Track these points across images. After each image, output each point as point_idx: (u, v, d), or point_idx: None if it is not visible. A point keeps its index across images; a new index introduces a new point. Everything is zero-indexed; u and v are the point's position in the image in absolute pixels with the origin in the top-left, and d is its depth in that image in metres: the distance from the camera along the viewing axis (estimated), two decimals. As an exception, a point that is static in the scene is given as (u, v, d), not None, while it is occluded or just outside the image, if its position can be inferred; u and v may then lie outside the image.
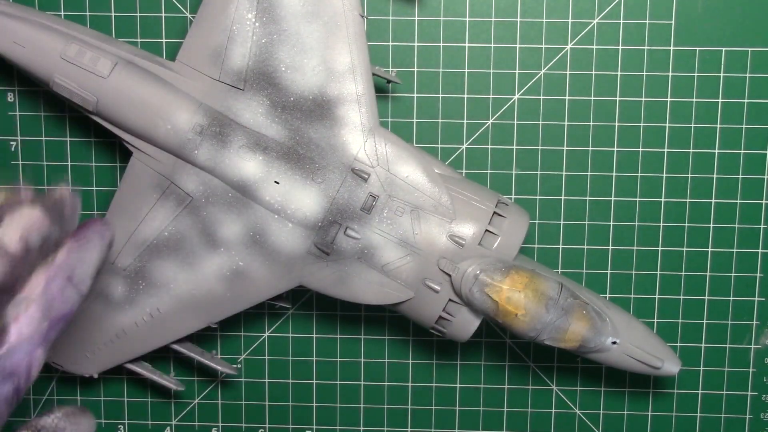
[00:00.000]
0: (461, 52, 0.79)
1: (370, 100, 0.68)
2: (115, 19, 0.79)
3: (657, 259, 0.81)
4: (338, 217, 0.68)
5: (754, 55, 0.78)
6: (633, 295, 0.82)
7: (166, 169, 0.70)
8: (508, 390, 0.84)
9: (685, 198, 0.80)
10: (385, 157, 0.68)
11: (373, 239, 0.68)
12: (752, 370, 0.82)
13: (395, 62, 0.79)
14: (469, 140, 0.80)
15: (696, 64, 0.78)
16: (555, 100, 0.79)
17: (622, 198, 0.80)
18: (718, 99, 0.78)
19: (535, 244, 0.81)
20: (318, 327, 0.83)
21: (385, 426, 0.84)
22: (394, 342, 0.83)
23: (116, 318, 0.73)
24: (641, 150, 0.79)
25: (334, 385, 0.84)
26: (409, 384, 0.84)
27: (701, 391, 0.83)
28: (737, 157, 0.79)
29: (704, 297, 0.81)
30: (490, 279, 0.67)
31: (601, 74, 0.78)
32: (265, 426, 0.85)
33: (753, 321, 0.82)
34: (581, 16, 0.78)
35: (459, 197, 0.69)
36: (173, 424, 0.85)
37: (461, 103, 0.79)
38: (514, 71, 0.79)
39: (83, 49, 0.68)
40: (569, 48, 0.78)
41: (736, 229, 0.80)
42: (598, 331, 0.69)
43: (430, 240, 0.68)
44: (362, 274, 0.69)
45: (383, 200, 0.68)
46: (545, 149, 0.80)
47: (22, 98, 0.81)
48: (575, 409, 0.84)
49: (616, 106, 0.79)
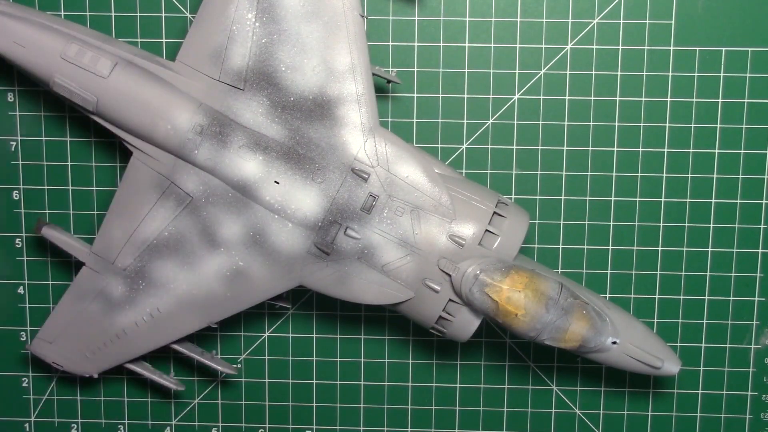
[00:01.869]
0: (461, 52, 0.79)
1: (370, 100, 0.68)
2: (115, 19, 0.79)
3: (657, 259, 0.81)
4: (338, 217, 0.68)
5: (754, 55, 0.78)
6: (633, 295, 0.82)
7: (166, 169, 0.70)
8: (508, 390, 0.84)
9: (685, 198, 0.80)
10: (385, 157, 0.68)
11: (373, 239, 0.68)
12: (752, 370, 0.82)
13: (395, 62, 0.79)
14: (469, 140, 0.80)
15: (696, 64, 0.78)
16: (555, 100, 0.79)
17: (622, 198, 0.80)
18: (718, 99, 0.78)
19: (535, 244, 0.81)
20: (318, 327, 0.83)
21: (385, 426, 0.84)
22: (394, 342, 0.83)
23: (116, 318, 0.73)
24: (641, 150, 0.79)
25: (334, 385, 0.84)
26: (409, 384, 0.84)
27: (701, 391, 0.83)
28: (737, 157, 0.79)
29: (704, 297, 0.81)
30: (490, 279, 0.67)
31: (601, 74, 0.78)
32: (265, 426, 0.85)
33: (753, 321, 0.82)
34: (581, 16, 0.78)
35: (459, 197, 0.69)
36: (173, 424, 0.85)
37: (461, 103, 0.79)
38: (514, 71, 0.79)
39: (83, 49, 0.68)
40: (569, 48, 0.78)
41: (736, 229, 0.80)
42: (598, 331, 0.69)
43: (430, 240, 0.68)
44: (362, 274, 0.69)
45: (383, 200, 0.68)
46: (545, 149, 0.80)
47: (22, 98, 0.81)
48: (575, 409, 0.84)
49: (616, 106, 0.79)
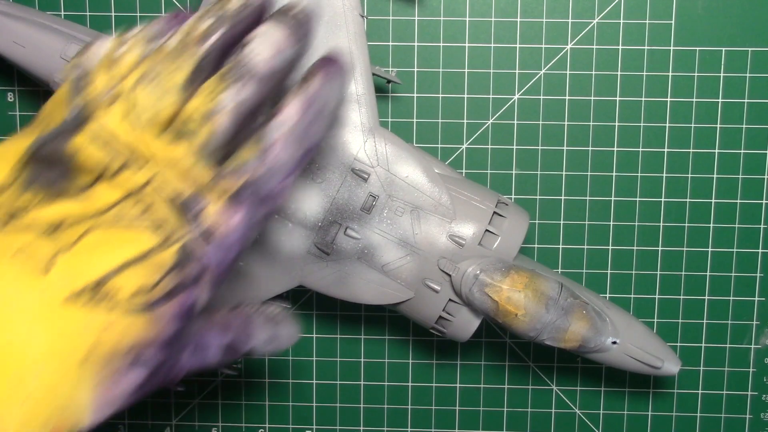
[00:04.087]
0: (461, 52, 0.79)
1: (370, 100, 0.68)
2: (115, 19, 0.79)
3: (657, 259, 0.81)
4: (338, 217, 0.68)
5: (754, 55, 0.78)
6: (633, 295, 0.82)
7: (166, 169, 0.70)
8: (508, 390, 0.84)
9: (685, 198, 0.80)
10: (385, 157, 0.68)
11: (373, 239, 0.68)
12: (752, 370, 0.82)
13: (395, 62, 0.79)
14: (469, 140, 0.80)
15: (696, 64, 0.78)
16: (555, 100, 0.79)
17: (622, 198, 0.80)
18: (718, 99, 0.78)
19: (535, 244, 0.81)
20: (318, 327, 0.83)
21: (385, 426, 0.84)
22: (394, 342, 0.83)
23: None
24: (641, 150, 0.79)
25: (334, 385, 0.84)
26: (409, 384, 0.84)
27: (701, 391, 0.83)
28: (737, 157, 0.79)
29: (704, 297, 0.81)
30: (490, 279, 0.67)
31: (601, 74, 0.78)
32: (265, 426, 0.85)
33: (753, 321, 0.82)
34: (581, 16, 0.78)
35: (459, 197, 0.69)
36: (173, 423, 0.85)
37: (461, 103, 0.79)
38: (514, 71, 0.79)
39: (83, 49, 0.68)
40: (569, 48, 0.78)
41: (736, 229, 0.80)
42: (598, 331, 0.69)
43: (430, 240, 0.68)
44: (362, 274, 0.69)
45: (383, 200, 0.68)
46: (545, 149, 0.80)
47: (22, 98, 0.81)
48: (575, 409, 0.84)
49: (616, 106, 0.79)
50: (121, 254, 0.44)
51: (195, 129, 0.47)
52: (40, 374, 0.40)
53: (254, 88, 0.49)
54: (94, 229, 0.44)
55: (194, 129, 0.47)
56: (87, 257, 0.43)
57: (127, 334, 0.43)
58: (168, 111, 0.47)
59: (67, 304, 0.42)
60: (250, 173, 0.48)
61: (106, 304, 0.43)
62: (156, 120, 0.47)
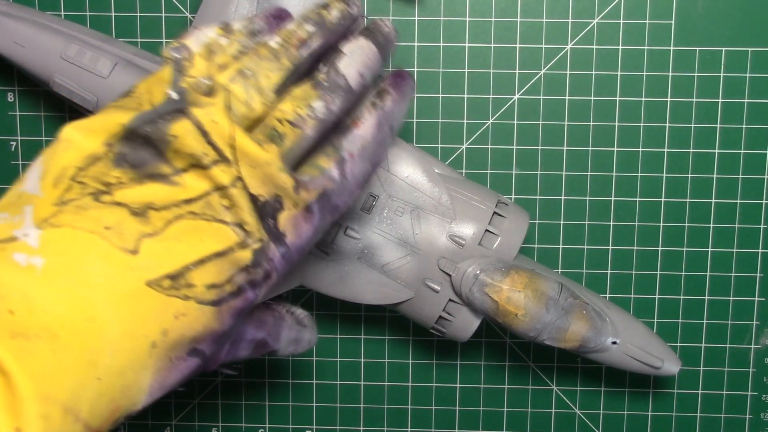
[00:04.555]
0: (461, 52, 0.79)
1: (370, 100, 0.68)
2: (115, 19, 0.79)
3: (657, 259, 0.81)
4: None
5: (754, 55, 0.78)
6: (633, 295, 0.82)
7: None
8: (508, 390, 0.84)
9: (685, 198, 0.80)
10: (385, 156, 0.68)
11: (373, 239, 0.68)
12: (752, 370, 0.82)
13: (395, 62, 0.79)
14: (469, 140, 0.80)
15: (696, 64, 0.78)
16: (555, 100, 0.79)
17: (622, 198, 0.80)
18: (718, 99, 0.78)
19: (535, 244, 0.81)
20: (318, 327, 0.83)
21: (385, 426, 0.84)
22: (394, 342, 0.83)
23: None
24: (641, 150, 0.79)
25: (334, 385, 0.84)
26: (409, 384, 0.84)
27: (701, 391, 0.83)
28: (737, 157, 0.79)
29: (704, 297, 0.81)
30: (490, 279, 0.67)
31: (601, 74, 0.78)
32: (265, 426, 0.85)
33: (753, 321, 0.82)
34: (581, 16, 0.78)
35: (459, 197, 0.69)
36: (173, 424, 0.85)
37: (461, 103, 0.79)
38: (514, 71, 0.79)
39: (83, 49, 0.68)
40: (569, 48, 0.78)
41: (736, 229, 0.80)
42: (598, 331, 0.69)
43: (430, 240, 0.68)
44: (362, 274, 0.69)
45: (383, 200, 0.68)
46: (545, 149, 0.80)
47: (22, 98, 0.81)
48: (575, 409, 0.84)
49: (616, 106, 0.79)
50: (206, 247, 0.45)
51: (284, 133, 0.48)
52: (114, 353, 0.41)
53: (344, 102, 0.50)
54: (182, 217, 0.45)
55: (283, 133, 0.48)
56: (174, 244, 0.44)
57: (194, 325, 0.44)
58: (259, 110, 0.48)
59: (149, 289, 0.43)
60: (326, 184, 0.49)
61: (183, 293, 0.44)
62: (248, 117, 0.47)
